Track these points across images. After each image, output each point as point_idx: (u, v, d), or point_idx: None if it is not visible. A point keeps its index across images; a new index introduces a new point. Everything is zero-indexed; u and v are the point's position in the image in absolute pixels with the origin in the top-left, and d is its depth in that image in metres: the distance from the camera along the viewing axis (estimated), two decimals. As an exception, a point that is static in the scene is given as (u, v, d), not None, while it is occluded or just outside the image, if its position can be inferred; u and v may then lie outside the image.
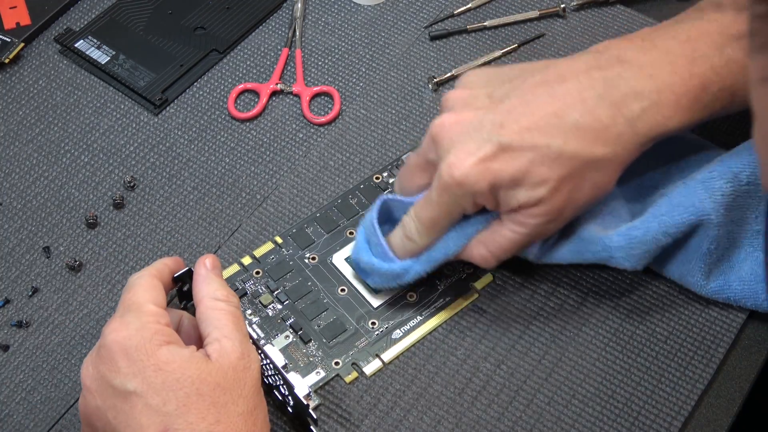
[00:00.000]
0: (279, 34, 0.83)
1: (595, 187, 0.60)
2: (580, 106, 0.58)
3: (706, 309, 0.66)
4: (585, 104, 0.58)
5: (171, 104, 0.79)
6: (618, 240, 0.62)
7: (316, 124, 0.77)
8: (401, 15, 0.84)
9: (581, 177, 0.59)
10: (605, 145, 0.58)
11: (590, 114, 0.58)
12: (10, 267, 0.71)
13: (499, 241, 0.62)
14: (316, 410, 0.63)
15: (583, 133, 0.58)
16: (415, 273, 0.64)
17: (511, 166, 0.58)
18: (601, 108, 0.58)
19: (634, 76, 0.59)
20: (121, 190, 0.74)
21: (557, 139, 0.58)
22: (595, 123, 0.58)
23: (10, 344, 0.67)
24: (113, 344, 0.55)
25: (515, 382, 0.64)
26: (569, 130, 0.58)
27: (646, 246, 0.62)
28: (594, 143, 0.58)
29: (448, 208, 0.60)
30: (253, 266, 0.69)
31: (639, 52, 0.60)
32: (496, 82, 0.61)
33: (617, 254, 0.62)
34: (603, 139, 0.58)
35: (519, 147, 0.58)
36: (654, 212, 0.62)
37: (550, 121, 0.58)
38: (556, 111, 0.58)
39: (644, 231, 0.61)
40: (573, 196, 0.59)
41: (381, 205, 0.65)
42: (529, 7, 0.83)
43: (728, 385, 0.64)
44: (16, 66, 0.82)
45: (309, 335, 0.65)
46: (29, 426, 0.64)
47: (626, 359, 0.64)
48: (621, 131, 0.58)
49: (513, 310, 0.67)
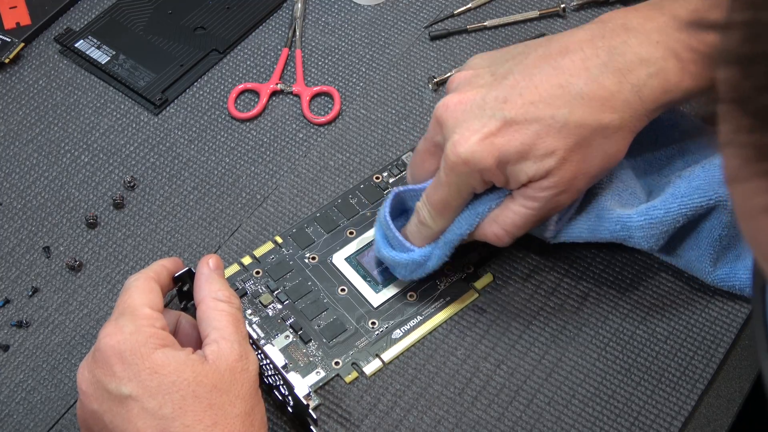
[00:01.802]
0: (279, 34, 0.83)
1: (605, 156, 0.59)
2: (585, 75, 0.58)
3: (706, 309, 0.66)
4: (589, 73, 0.58)
5: (171, 104, 0.79)
6: (638, 219, 0.61)
7: (316, 124, 0.77)
8: (401, 15, 0.84)
9: (589, 145, 0.58)
10: (612, 112, 0.58)
11: (595, 82, 0.57)
12: (10, 267, 0.71)
13: (512, 218, 0.61)
14: (316, 410, 0.63)
15: (589, 101, 0.57)
16: (437, 258, 0.64)
17: (516, 140, 0.57)
18: (606, 76, 0.57)
19: (639, 42, 0.58)
20: (121, 190, 0.74)
21: (562, 109, 0.57)
22: (600, 90, 0.57)
23: (10, 344, 0.67)
24: (108, 348, 0.55)
25: (515, 382, 0.64)
26: (574, 99, 0.57)
27: (665, 227, 0.61)
28: (600, 111, 0.57)
29: (457, 187, 0.60)
30: (253, 266, 0.69)
31: (645, 19, 0.59)
32: (500, 60, 0.61)
33: (637, 234, 0.62)
34: (609, 106, 0.57)
35: (523, 120, 0.57)
36: (674, 193, 0.61)
37: (555, 93, 0.57)
38: (560, 82, 0.58)
39: (665, 211, 0.61)
40: (583, 165, 0.59)
41: (393, 198, 0.65)
42: (529, 7, 0.83)
43: (728, 385, 0.64)
44: (16, 66, 0.82)
45: (309, 335, 0.66)
46: (29, 426, 0.64)
47: (626, 359, 0.64)
48: (627, 98, 0.58)
49: (513, 310, 0.67)
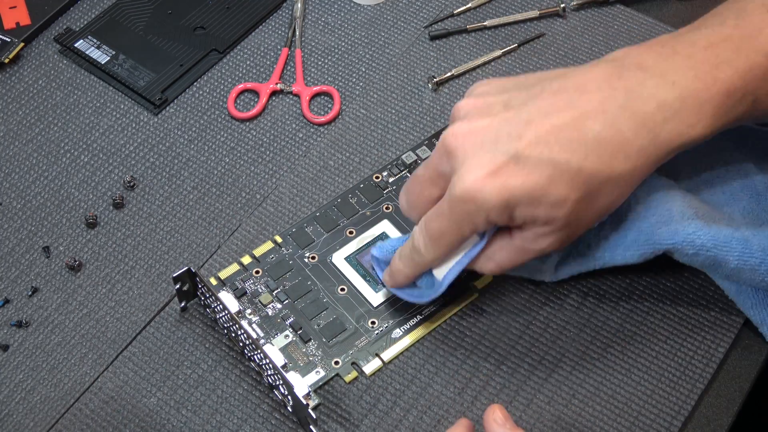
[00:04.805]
0: (279, 33, 0.83)
1: (609, 204, 0.58)
2: (602, 118, 0.56)
3: (706, 309, 0.66)
4: (606, 115, 0.56)
5: (171, 104, 0.79)
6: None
7: (316, 123, 0.77)
8: (401, 15, 0.84)
9: (598, 194, 0.56)
10: (626, 161, 0.56)
11: (612, 126, 0.56)
12: (10, 267, 0.71)
13: (509, 257, 0.60)
14: (316, 410, 0.63)
15: (605, 147, 0.55)
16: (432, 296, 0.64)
17: (529, 183, 0.55)
18: (623, 119, 0.56)
19: (656, 84, 0.56)
20: (120, 190, 0.74)
21: (577, 154, 0.55)
22: (616, 136, 0.56)
23: (9, 344, 0.67)
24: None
25: (515, 382, 0.64)
26: (590, 143, 0.55)
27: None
28: (614, 158, 0.56)
29: (459, 223, 0.58)
30: (252, 266, 0.69)
31: (659, 58, 0.58)
32: (512, 90, 0.59)
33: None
34: (624, 153, 0.56)
35: (537, 161, 0.55)
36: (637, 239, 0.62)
37: (570, 134, 0.55)
38: (577, 123, 0.56)
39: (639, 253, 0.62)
40: (587, 213, 0.57)
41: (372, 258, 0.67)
42: (529, 7, 0.83)
43: (728, 385, 0.64)
44: (15, 66, 0.82)
45: (309, 335, 0.65)
46: (29, 426, 0.64)
47: (626, 359, 0.64)
48: (643, 144, 0.56)
49: (513, 310, 0.67)
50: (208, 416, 0.63)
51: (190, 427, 0.63)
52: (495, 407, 0.56)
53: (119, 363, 0.66)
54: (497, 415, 0.56)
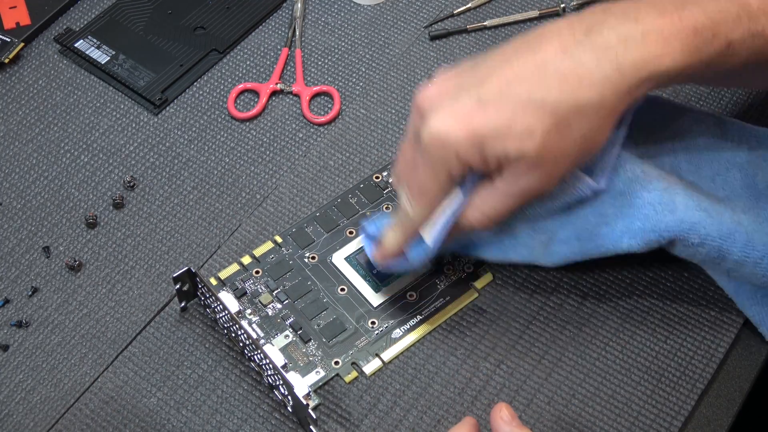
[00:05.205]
0: (279, 33, 0.83)
1: (585, 137, 0.58)
2: (562, 54, 0.56)
3: (706, 309, 0.66)
4: (566, 52, 0.56)
5: (171, 104, 0.79)
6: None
7: (316, 123, 0.77)
8: (401, 15, 0.84)
9: (568, 125, 0.56)
10: (591, 89, 0.56)
11: (572, 59, 0.56)
12: (10, 267, 0.71)
13: (493, 203, 0.60)
14: (316, 410, 0.63)
15: (566, 78, 0.56)
16: (424, 257, 0.64)
17: (493, 118, 0.56)
18: (584, 53, 0.56)
19: (617, 21, 0.57)
20: (120, 190, 0.74)
21: (540, 88, 0.56)
22: (578, 68, 0.56)
23: (9, 344, 0.67)
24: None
25: (515, 382, 0.64)
26: (551, 77, 0.56)
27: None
28: (578, 88, 0.56)
29: (434, 169, 0.58)
30: (252, 266, 0.69)
31: (624, 4, 0.58)
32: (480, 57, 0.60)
33: None
34: (587, 83, 0.56)
35: (499, 99, 0.56)
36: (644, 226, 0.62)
37: (531, 74, 0.56)
38: (537, 63, 0.57)
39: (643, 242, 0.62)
40: (562, 146, 0.57)
41: (363, 232, 0.67)
42: (529, 7, 0.83)
43: (728, 385, 0.64)
44: (16, 66, 0.82)
45: (309, 335, 0.65)
46: (29, 426, 0.64)
47: (626, 359, 0.64)
48: (607, 73, 0.56)
49: (513, 310, 0.67)
50: (208, 416, 0.63)
51: (190, 427, 0.63)
52: (502, 405, 0.56)
53: (119, 363, 0.66)
54: (504, 413, 0.56)
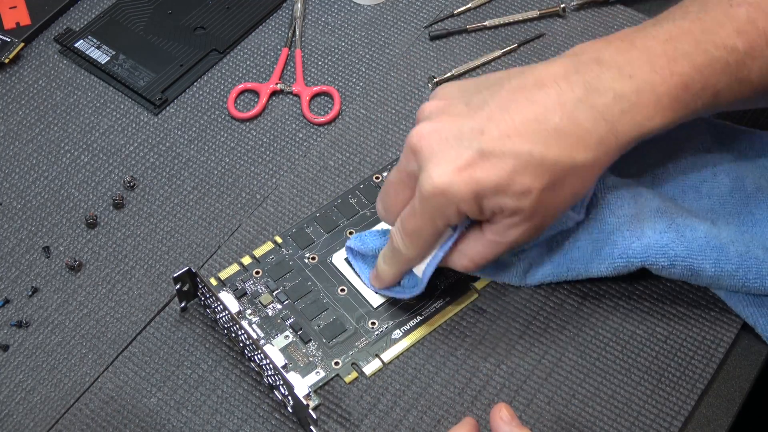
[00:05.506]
0: (279, 34, 0.83)
1: (574, 194, 0.59)
2: (560, 111, 0.57)
3: (706, 309, 0.66)
4: (565, 108, 0.57)
5: (171, 104, 0.79)
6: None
7: (316, 123, 0.77)
8: (401, 15, 0.84)
9: (562, 184, 0.58)
10: (586, 151, 0.57)
11: (570, 118, 0.57)
12: (10, 267, 0.71)
13: (480, 251, 0.61)
14: (316, 410, 0.63)
15: (565, 137, 0.57)
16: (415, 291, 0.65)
17: (494, 174, 0.57)
18: (582, 112, 0.57)
19: (612, 77, 0.58)
20: (121, 190, 0.74)
21: (538, 145, 0.57)
22: (576, 128, 0.57)
23: (9, 344, 0.67)
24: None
25: (515, 382, 0.64)
26: (550, 135, 0.57)
27: None
28: (575, 149, 0.57)
29: (432, 218, 0.59)
30: (252, 266, 0.69)
31: (617, 53, 0.59)
32: (473, 90, 0.60)
33: None
34: (584, 144, 0.57)
35: (501, 154, 0.56)
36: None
37: (531, 127, 0.57)
38: (537, 116, 0.57)
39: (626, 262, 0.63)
40: (553, 203, 0.58)
41: (350, 251, 0.68)
42: (529, 7, 0.83)
43: (728, 385, 0.64)
44: (16, 66, 0.82)
45: (309, 335, 0.65)
46: (29, 426, 0.64)
47: (626, 359, 0.64)
48: (602, 135, 0.57)
49: (513, 310, 0.67)
50: (208, 416, 0.63)
51: (190, 427, 0.63)
52: (501, 405, 0.57)
53: (119, 363, 0.66)
54: (503, 413, 0.56)
